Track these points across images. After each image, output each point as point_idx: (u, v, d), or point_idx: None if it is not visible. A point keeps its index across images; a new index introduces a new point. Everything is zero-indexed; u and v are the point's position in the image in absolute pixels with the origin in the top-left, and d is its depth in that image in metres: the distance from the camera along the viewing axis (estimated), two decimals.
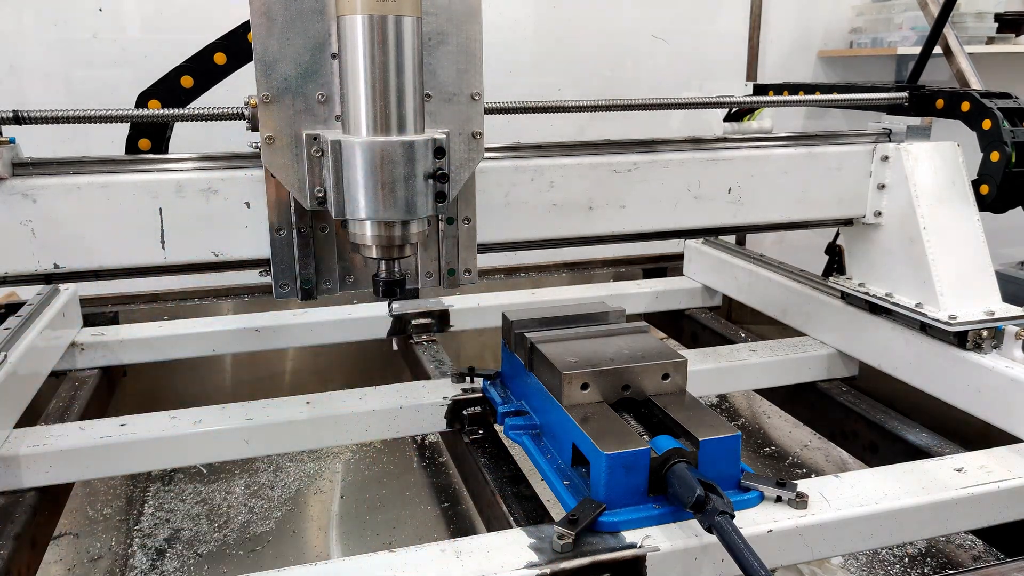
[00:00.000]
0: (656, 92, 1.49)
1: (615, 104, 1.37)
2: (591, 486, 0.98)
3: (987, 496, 1.09)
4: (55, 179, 1.11)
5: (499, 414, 1.26)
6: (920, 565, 1.38)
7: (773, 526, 0.98)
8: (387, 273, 1.07)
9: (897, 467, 1.14)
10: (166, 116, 1.15)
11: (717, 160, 1.40)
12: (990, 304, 1.40)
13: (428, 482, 1.68)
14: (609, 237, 1.39)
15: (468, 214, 1.19)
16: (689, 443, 0.99)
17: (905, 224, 1.47)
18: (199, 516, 1.55)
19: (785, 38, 2.83)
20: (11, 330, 1.47)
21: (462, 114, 1.06)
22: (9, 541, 1.13)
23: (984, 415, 1.32)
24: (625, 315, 1.34)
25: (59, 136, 1.86)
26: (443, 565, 0.91)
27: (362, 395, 1.42)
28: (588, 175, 1.33)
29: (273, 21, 0.98)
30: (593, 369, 1.09)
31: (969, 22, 2.88)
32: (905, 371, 1.48)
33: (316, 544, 1.48)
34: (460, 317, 1.91)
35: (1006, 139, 1.40)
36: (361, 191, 0.96)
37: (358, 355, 2.12)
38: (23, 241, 1.10)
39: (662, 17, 2.60)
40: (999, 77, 2.96)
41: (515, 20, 2.44)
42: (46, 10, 2.02)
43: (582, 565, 0.90)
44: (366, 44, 0.92)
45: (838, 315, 1.64)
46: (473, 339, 2.26)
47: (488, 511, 1.21)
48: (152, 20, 2.10)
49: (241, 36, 1.24)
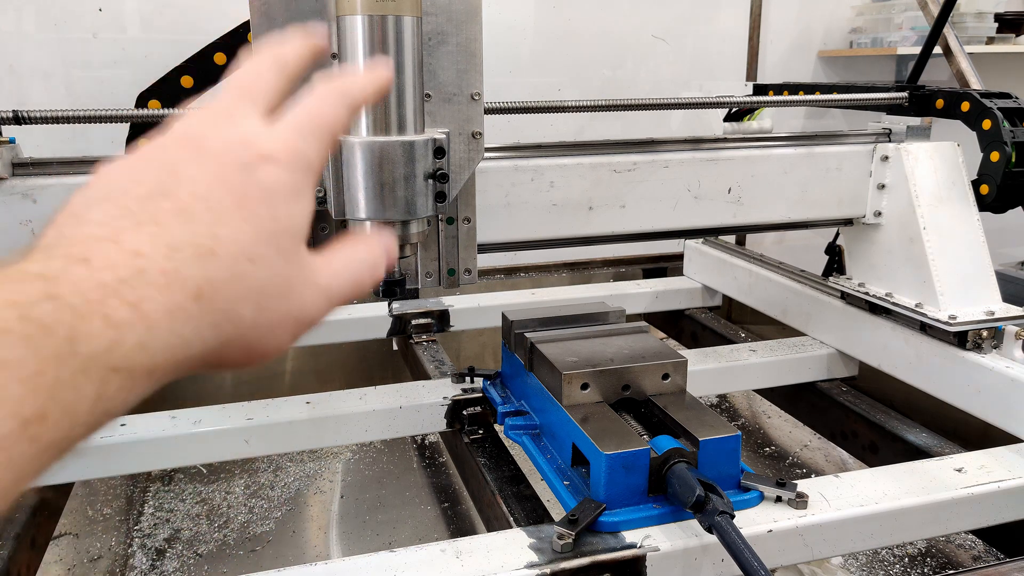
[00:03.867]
0: (656, 92, 1.49)
1: (615, 104, 1.37)
2: (591, 486, 0.98)
3: (987, 496, 1.09)
4: (55, 179, 1.10)
5: (499, 414, 1.25)
6: (920, 565, 1.38)
7: (773, 526, 0.98)
8: (387, 273, 1.07)
9: (897, 467, 1.14)
10: (166, 116, 1.15)
11: (717, 160, 1.40)
12: (990, 304, 1.40)
13: (428, 482, 1.68)
14: (609, 237, 1.39)
15: (468, 214, 1.19)
16: (689, 443, 0.99)
17: (905, 224, 1.47)
18: (199, 516, 1.55)
19: (785, 38, 2.83)
20: None
21: (462, 114, 1.06)
22: (9, 541, 1.13)
23: (984, 415, 1.32)
24: (625, 315, 1.34)
25: (59, 136, 1.86)
26: (443, 565, 0.91)
27: (362, 395, 1.42)
28: (588, 175, 1.33)
29: (273, 21, 0.98)
30: (593, 369, 1.09)
31: (969, 22, 2.88)
32: (905, 371, 1.48)
33: (316, 544, 1.48)
34: (460, 317, 1.90)
35: (1006, 139, 1.40)
36: (361, 191, 0.96)
37: (358, 355, 2.11)
38: (23, 242, 1.10)
39: (662, 17, 2.60)
40: (999, 77, 2.96)
41: (515, 20, 2.44)
42: (46, 10, 2.02)
43: (582, 565, 0.90)
44: (366, 44, 0.92)
45: (838, 315, 1.64)
46: (473, 339, 2.26)
47: (488, 511, 1.21)
48: (152, 20, 2.10)
49: (241, 36, 1.24)
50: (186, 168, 0.41)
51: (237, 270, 0.40)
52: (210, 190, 0.41)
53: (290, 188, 0.43)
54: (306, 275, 0.43)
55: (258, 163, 0.43)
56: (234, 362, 0.41)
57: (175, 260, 0.37)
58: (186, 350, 0.38)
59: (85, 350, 0.34)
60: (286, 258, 0.42)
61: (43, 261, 0.36)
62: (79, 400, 0.34)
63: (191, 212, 0.39)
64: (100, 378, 0.34)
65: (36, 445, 0.32)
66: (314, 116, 0.46)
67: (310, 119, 0.46)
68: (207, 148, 0.43)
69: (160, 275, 0.37)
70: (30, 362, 0.32)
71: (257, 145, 0.43)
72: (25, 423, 0.32)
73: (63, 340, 0.33)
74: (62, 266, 0.35)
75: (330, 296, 0.45)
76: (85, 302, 0.34)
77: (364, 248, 0.48)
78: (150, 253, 0.37)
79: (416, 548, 0.94)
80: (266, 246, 0.41)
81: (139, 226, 0.38)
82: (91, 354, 0.34)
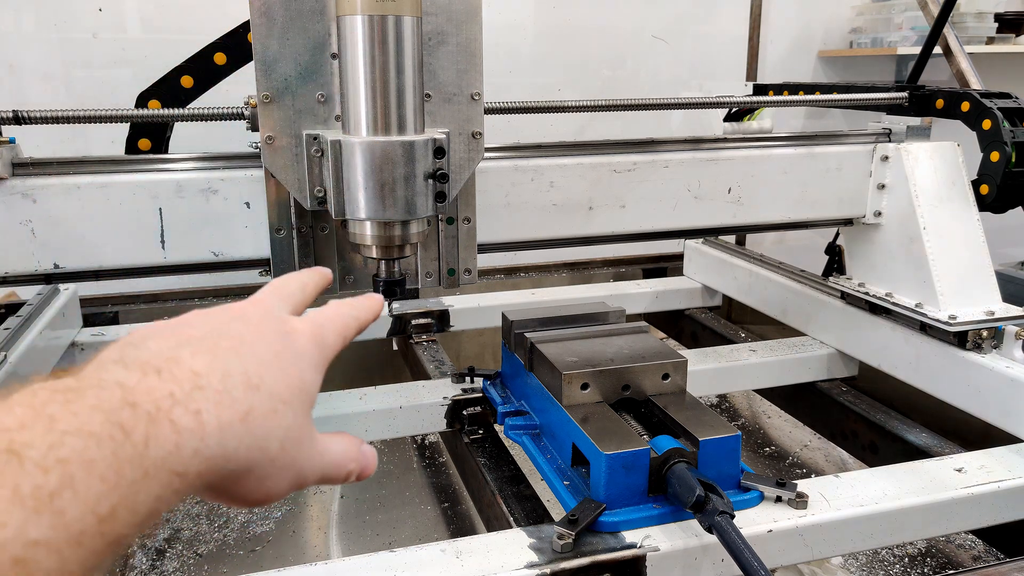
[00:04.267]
0: (656, 92, 1.49)
1: (615, 104, 1.37)
2: (591, 486, 0.98)
3: (987, 496, 1.09)
4: (55, 179, 1.10)
5: (499, 414, 1.25)
6: (920, 565, 1.38)
7: (773, 526, 0.98)
8: (387, 273, 1.07)
9: (897, 467, 1.14)
10: (166, 116, 1.15)
11: (717, 160, 1.40)
12: (990, 304, 1.40)
13: (428, 482, 1.68)
14: (609, 237, 1.39)
15: (468, 214, 1.19)
16: (689, 443, 0.99)
17: (905, 224, 1.47)
18: (199, 516, 1.55)
19: (785, 38, 2.83)
20: (11, 330, 1.47)
21: (462, 114, 1.06)
22: None
23: (984, 415, 1.32)
24: (625, 315, 1.34)
25: (59, 136, 1.86)
26: (443, 565, 0.91)
27: (362, 395, 1.42)
28: (588, 175, 1.33)
29: (273, 21, 0.98)
30: (593, 369, 1.09)
31: (969, 22, 2.89)
32: (905, 371, 1.48)
33: (316, 544, 1.48)
34: (460, 317, 1.90)
35: (1006, 139, 1.40)
36: (361, 191, 0.96)
37: (358, 355, 2.11)
38: (23, 241, 1.10)
39: (662, 17, 2.60)
40: (999, 77, 2.96)
41: (515, 20, 2.44)
42: (46, 10, 2.02)
43: (582, 565, 0.90)
44: (366, 44, 0.92)
45: (838, 315, 1.64)
46: (473, 339, 2.26)
47: (488, 511, 1.21)
48: (152, 20, 2.10)
49: (241, 36, 1.24)
50: (233, 325, 0.48)
51: (274, 407, 0.45)
52: (254, 342, 0.47)
53: (313, 359, 0.51)
54: (313, 437, 0.49)
55: (291, 333, 0.51)
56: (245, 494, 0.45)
57: (228, 384, 0.43)
58: (226, 464, 0.42)
59: (155, 454, 0.37)
60: (305, 413, 0.49)
61: (119, 371, 0.40)
62: (145, 500, 0.37)
63: (240, 353, 0.46)
64: (163, 481, 0.38)
65: (105, 540, 0.35)
66: (331, 316, 0.56)
67: (328, 317, 0.56)
68: (250, 315, 0.50)
69: (216, 394, 0.42)
70: (112, 463, 0.35)
71: (291, 322, 0.52)
72: (101, 520, 0.34)
73: (139, 443, 0.37)
74: (138, 377, 0.39)
75: (323, 465, 0.50)
76: (157, 409, 0.38)
77: (352, 444, 0.53)
78: (207, 374, 0.42)
79: (416, 548, 0.94)
80: (294, 396, 0.47)
81: (196, 353, 0.43)
82: (159, 458, 0.37)
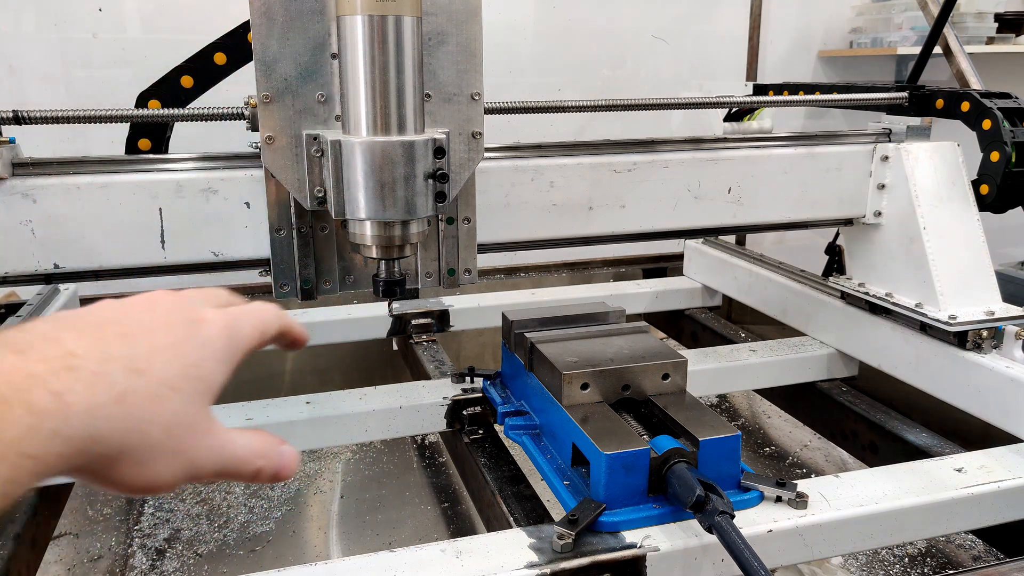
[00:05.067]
0: (656, 92, 1.49)
1: (615, 104, 1.37)
2: (591, 486, 0.98)
3: (987, 496, 1.09)
4: (55, 179, 1.10)
5: (499, 414, 1.25)
6: (920, 565, 1.38)
7: (773, 526, 0.98)
8: (387, 273, 1.07)
9: (897, 467, 1.14)
10: (166, 116, 1.15)
11: (717, 160, 1.40)
12: (990, 304, 1.40)
13: (428, 482, 1.68)
14: (609, 237, 1.39)
15: (468, 214, 1.19)
16: (689, 443, 0.99)
17: (905, 224, 1.47)
18: (199, 516, 1.55)
19: (785, 38, 2.83)
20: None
21: (462, 114, 1.06)
22: (9, 541, 1.13)
23: (984, 415, 1.32)
24: (625, 315, 1.34)
25: (59, 136, 1.86)
26: (443, 565, 0.91)
27: (362, 395, 1.42)
28: (588, 175, 1.33)
29: (273, 21, 0.98)
30: (593, 369, 1.09)
31: (969, 22, 2.89)
32: (905, 371, 1.48)
33: (316, 544, 1.48)
34: (460, 317, 1.90)
35: (1006, 139, 1.40)
36: (361, 191, 0.96)
37: (358, 355, 2.11)
38: (23, 241, 1.10)
39: (662, 17, 2.60)
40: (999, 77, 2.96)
41: (515, 20, 2.44)
42: (46, 10, 2.02)
43: (582, 565, 0.90)
44: (366, 44, 0.92)
45: (838, 315, 1.64)
46: (473, 339, 2.26)
47: (488, 511, 1.21)
48: (152, 20, 2.10)
49: (241, 36, 1.24)
50: (134, 312, 0.48)
51: (159, 392, 0.44)
52: (153, 330, 0.47)
53: (220, 351, 0.50)
54: (210, 427, 0.48)
55: (198, 322, 0.50)
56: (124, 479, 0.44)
57: (106, 366, 0.42)
58: (93, 445, 0.41)
59: (4, 436, 0.36)
60: (200, 403, 0.47)
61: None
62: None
63: (132, 338, 0.45)
64: (13, 463, 0.37)
65: None
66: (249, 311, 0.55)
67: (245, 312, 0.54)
68: (160, 303, 0.50)
69: (91, 375, 0.41)
70: None
71: (203, 313, 0.51)
72: None
73: None
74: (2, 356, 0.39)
75: (221, 457, 0.49)
76: (14, 390, 0.37)
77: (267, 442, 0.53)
78: (84, 356, 0.41)
79: (416, 548, 0.94)
80: (187, 384, 0.46)
81: (80, 337, 0.43)
82: (9, 439, 0.37)
